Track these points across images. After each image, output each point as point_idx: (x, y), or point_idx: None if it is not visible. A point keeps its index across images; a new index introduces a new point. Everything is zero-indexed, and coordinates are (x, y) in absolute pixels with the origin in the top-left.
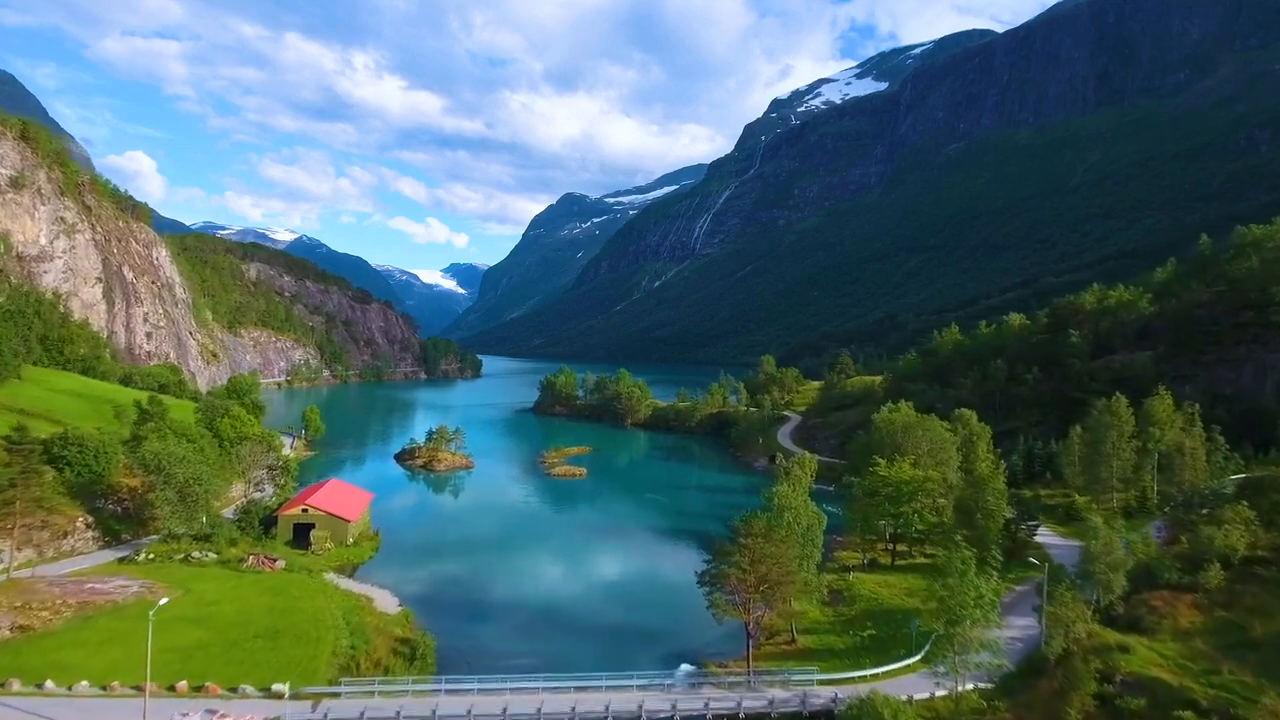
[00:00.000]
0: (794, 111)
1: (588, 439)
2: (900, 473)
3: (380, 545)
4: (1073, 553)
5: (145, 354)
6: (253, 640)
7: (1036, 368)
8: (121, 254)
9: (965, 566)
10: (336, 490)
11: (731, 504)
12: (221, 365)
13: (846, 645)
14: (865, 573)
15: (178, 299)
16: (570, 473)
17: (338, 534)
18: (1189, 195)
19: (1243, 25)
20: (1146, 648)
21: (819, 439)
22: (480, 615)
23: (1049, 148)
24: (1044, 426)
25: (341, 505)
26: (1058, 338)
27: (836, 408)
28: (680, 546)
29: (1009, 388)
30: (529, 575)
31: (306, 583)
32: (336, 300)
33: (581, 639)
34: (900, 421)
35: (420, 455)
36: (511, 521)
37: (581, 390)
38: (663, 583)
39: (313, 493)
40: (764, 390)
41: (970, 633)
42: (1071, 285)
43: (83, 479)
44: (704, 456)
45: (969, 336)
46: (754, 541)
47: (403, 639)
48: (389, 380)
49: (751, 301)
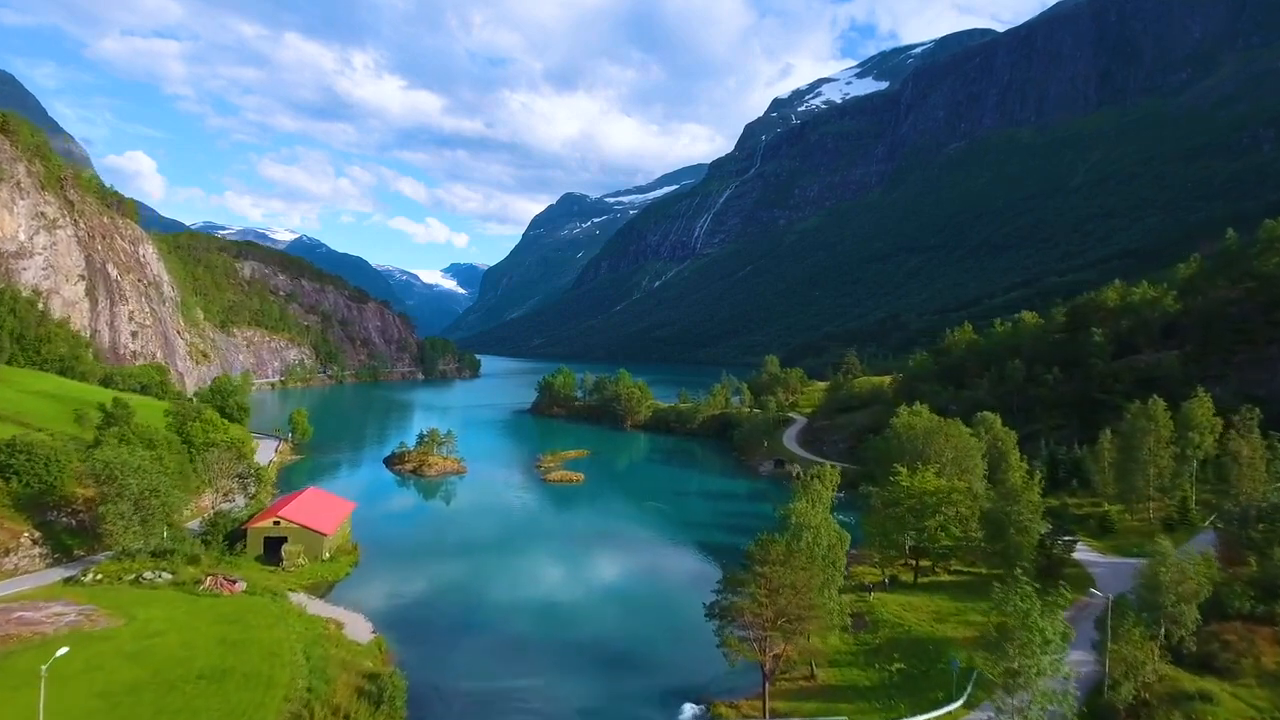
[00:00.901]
0: (794, 111)
1: (586, 441)
2: (924, 483)
3: (359, 560)
4: (1113, 571)
5: (130, 354)
6: (195, 682)
7: (1057, 368)
8: (106, 250)
9: (1028, 605)
10: (313, 500)
11: (736, 512)
12: (212, 365)
13: (873, 682)
14: (887, 592)
15: (165, 297)
16: (567, 478)
17: (312, 548)
18: (1192, 194)
19: (1245, 24)
20: (1230, 695)
21: (826, 442)
22: (463, 642)
23: (1050, 147)
24: (1065, 430)
25: (317, 517)
26: (1078, 336)
27: (844, 409)
28: (684, 562)
29: (1027, 389)
30: (518, 595)
31: (267, 608)
32: (333, 299)
33: (574, 670)
34: (921, 427)
35: (410, 460)
36: (502, 533)
37: (580, 391)
38: (665, 604)
39: (286, 503)
40: (768, 391)
41: (1035, 684)
42: (1075, 284)
43: (32, 489)
44: (706, 460)
45: (983, 335)
46: (772, 569)
47: (371, 675)
48: (386, 380)
49: (752, 301)
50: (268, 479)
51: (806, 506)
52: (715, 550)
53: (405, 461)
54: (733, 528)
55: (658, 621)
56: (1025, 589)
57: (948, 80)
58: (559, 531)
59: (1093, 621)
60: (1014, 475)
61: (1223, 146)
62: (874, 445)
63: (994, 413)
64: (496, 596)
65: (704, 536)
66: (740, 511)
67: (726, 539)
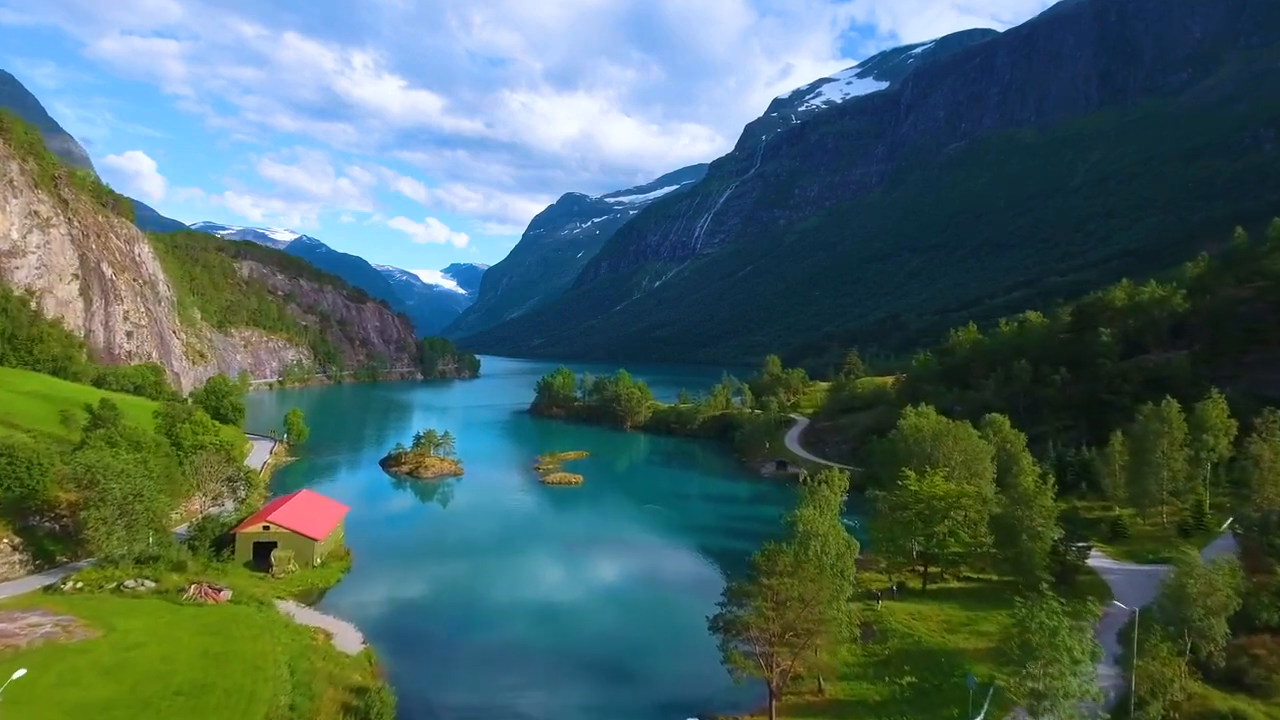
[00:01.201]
0: (795, 111)
1: (586, 443)
2: (932, 487)
3: (351, 565)
4: (1129, 579)
5: (125, 354)
6: (172, 698)
7: (1065, 368)
8: (100, 250)
9: (1055, 622)
10: (304, 504)
11: (738, 515)
12: (209, 365)
13: (884, 696)
14: (895, 600)
15: (161, 297)
16: (566, 480)
17: (303, 554)
18: (1192, 194)
19: (1245, 24)
20: (1265, 715)
21: (829, 443)
22: (457, 653)
23: (1051, 147)
24: (1073, 431)
25: (308, 521)
26: (1085, 336)
27: (846, 410)
28: (685, 567)
29: (1034, 390)
30: (515, 601)
31: (252, 618)
32: (331, 299)
33: (571, 682)
34: (929, 429)
35: (406, 461)
36: (499, 537)
37: (580, 392)
38: (666, 613)
39: (277, 507)
40: (769, 392)
41: (1062, 706)
42: (1076, 284)
43: (13, 494)
44: (707, 462)
45: (988, 335)
46: (778, 581)
47: (359, 689)
48: (384, 381)
49: (752, 301)
50: (259, 482)
51: (814, 513)
52: (718, 555)
53: (402, 463)
54: (735, 532)
55: (659, 631)
56: (1051, 605)
57: (948, 80)
58: (557, 535)
59: (1114, 634)
60: (1026, 479)
61: (1223, 146)
62: (879, 447)
63: (1001, 414)
64: (492, 603)
65: (706, 541)
66: (742, 515)
67: (729, 544)
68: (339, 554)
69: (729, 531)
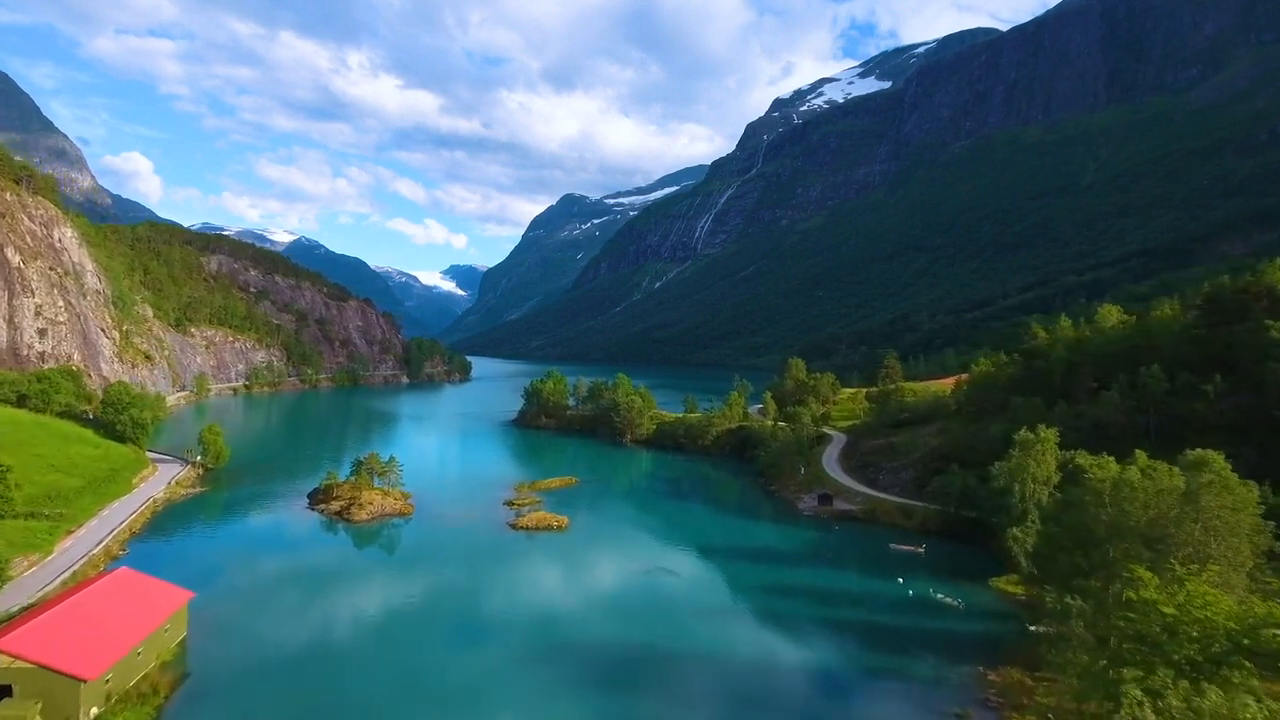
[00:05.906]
0: (796, 110)
1: (578, 462)
2: (1201, 602)
3: (171, 703)
4: None
5: (37, 355)
6: None
7: (1219, 375)
8: (6, 232)
9: None
10: (98, 601)
11: (791, 587)
12: (156, 368)
13: None
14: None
15: (87, 289)
16: (546, 523)
17: (58, 703)
18: (1210, 191)
19: (1258, 20)
20: None
21: (883, 469)
22: None
23: (1059, 145)
24: (1235, 461)
25: (86, 639)
26: (1232, 332)
27: (896, 425)
28: (715, 685)
29: (1170, 403)
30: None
31: None
32: (309, 297)
33: None
34: (1146, 487)
35: (339, 496)
36: (432, 634)
37: (573, 398)
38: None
39: (30, 618)
40: (796, 401)
41: None
42: (1095, 283)
43: None
44: (724, 490)
45: (1093, 330)
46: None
47: None
48: (366, 384)
49: (754, 302)
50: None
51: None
52: (771, 670)
53: (333, 498)
54: (795, 623)
55: None
56: None
57: (952, 79)
58: (520, 632)
59: None
60: None
61: (1240, 142)
62: (1065, 519)
63: (1122, 437)
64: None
65: (744, 633)
66: (797, 587)
67: (780, 638)
68: (153, 685)
69: (783, 622)
